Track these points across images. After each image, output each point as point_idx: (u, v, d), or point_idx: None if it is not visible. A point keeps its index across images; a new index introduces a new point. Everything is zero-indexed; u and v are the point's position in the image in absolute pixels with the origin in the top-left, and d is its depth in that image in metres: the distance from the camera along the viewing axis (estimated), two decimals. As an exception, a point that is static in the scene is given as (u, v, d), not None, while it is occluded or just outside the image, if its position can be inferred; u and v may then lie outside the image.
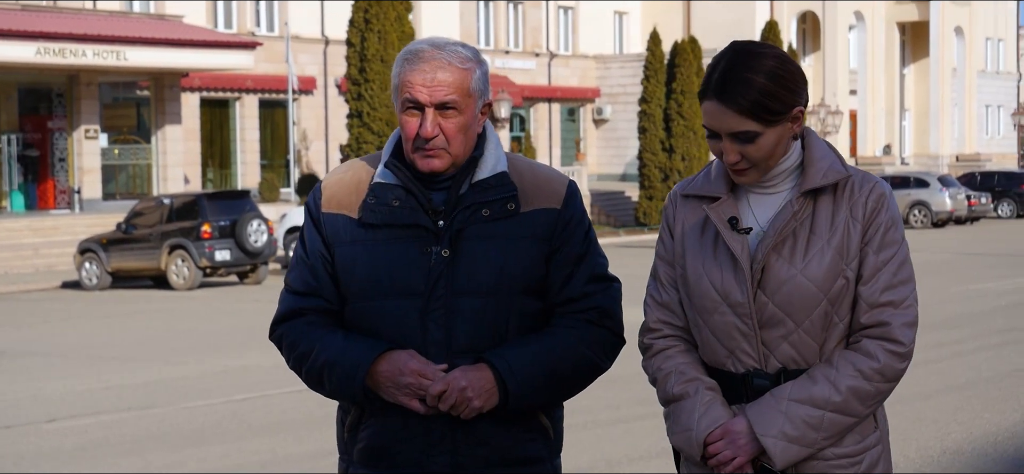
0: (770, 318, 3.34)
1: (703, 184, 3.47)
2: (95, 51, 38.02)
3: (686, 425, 3.40)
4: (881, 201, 3.37)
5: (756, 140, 3.31)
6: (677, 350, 3.51)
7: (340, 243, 3.50)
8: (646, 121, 49.67)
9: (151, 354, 16.84)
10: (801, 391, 3.32)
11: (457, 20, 57.53)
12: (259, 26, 50.58)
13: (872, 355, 3.31)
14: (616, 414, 11.15)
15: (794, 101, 3.32)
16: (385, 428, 3.46)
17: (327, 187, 3.56)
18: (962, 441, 9.89)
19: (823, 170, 3.36)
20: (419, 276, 3.43)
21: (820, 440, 3.32)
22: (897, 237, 3.38)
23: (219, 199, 29.80)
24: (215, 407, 12.34)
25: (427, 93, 3.37)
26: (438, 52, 3.41)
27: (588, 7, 65.16)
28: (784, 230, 3.34)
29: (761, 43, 3.36)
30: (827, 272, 3.31)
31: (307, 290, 3.53)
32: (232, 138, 49.72)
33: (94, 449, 10.56)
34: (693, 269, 3.43)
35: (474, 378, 3.38)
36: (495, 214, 3.47)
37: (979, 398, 11.70)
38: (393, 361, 3.38)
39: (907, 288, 3.36)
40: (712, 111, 3.32)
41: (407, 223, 3.44)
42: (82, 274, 29.73)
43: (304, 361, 3.49)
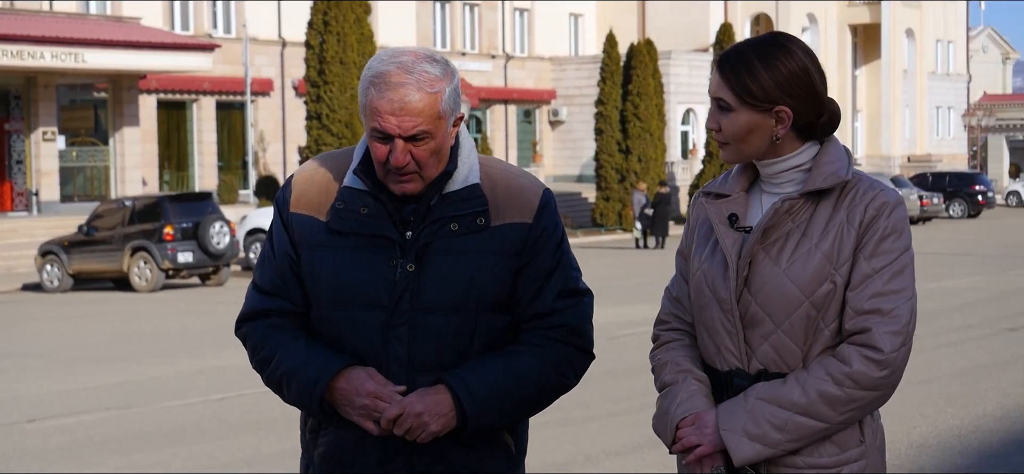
0: (752, 317, 3.34)
1: (721, 183, 3.50)
2: (53, 53, 37.97)
3: (665, 410, 3.43)
4: (882, 209, 3.30)
5: (729, 114, 3.34)
6: (679, 343, 3.54)
7: (307, 245, 3.42)
8: (602, 123, 49.96)
9: (123, 355, 16.97)
10: (770, 391, 3.30)
11: (413, 22, 57.70)
12: (216, 28, 50.56)
13: (846, 360, 3.24)
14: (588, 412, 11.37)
15: (781, 100, 3.30)
16: (343, 439, 3.41)
17: (297, 185, 3.46)
18: (927, 435, 10.19)
19: (825, 174, 3.34)
20: (383, 289, 3.35)
21: (784, 442, 3.27)
22: (897, 247, 3.30)
23: (181, 201, 29.89)
24: (194, 407, 12.51)
25: (395, 124, 3.25)
26: (406, 76, 3.26)
27: (543, 9, 65.44)
28: (773, 229, 3.33)
29: (796, 41, 3.38)
30: (812, 275, 3.28)
31: (273, 290, 3.46)
32: (189, 140, 49.68)
33: (79, 448, 10.71)
34: (695, 264, 3.48)
35: (431, 402, 3.29)
36: (464, 228, 3.38)
37: (941, 394, 12.03)
38: (351, 380, 3.31)
39: (899, 298, 3.27)
40: (713, 75, 3.42)
41: (373, 233, 3.36)
42: (43, 276, 29.75)
43: (265, 366, 3.44)
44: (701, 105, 62.63)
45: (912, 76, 77.62)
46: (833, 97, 3.44)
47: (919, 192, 51.56)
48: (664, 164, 51.12)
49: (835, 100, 3.43)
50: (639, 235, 41.79)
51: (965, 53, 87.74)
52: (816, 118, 3.36)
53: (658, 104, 50.20)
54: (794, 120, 3.33)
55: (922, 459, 9.40)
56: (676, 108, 60.80)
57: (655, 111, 49.92)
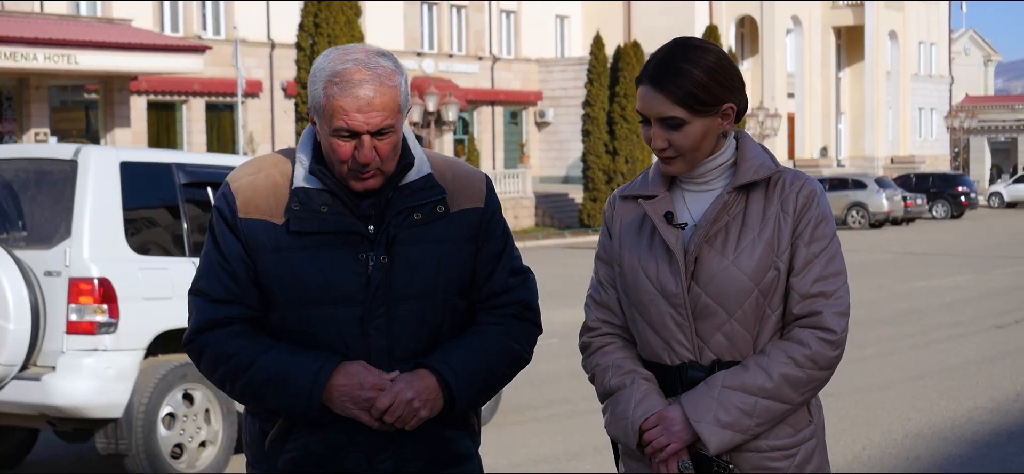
0: (703, 309, 3.42)
1: (641, 185, 3.57)
2: (46, 55, 38.14)
3: (622, 415, 3.46)
4: (811, 197, 3.45)
5: (683, 128, 3.40)
6: (615, 346, 3.59)
7: (263, 250, 3.39)
8: (590, 124, 50.29)
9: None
10: (734, 378, 3.38)
11: (401, 23, 58.01)
12: (206, 29, 50.82)
13: (804, 343, 3.38)
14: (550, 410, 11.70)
15: (724, 97, 3.41)
16: (327, 435, 3.41)
17: (240, 191, 3.42)
18: (922, 426, 10.57)
19: (755, 167, 3.46)
20: (355, 283, 3.37)
21: (753, 426, 3.38)
22: (828, 232, 3.45)
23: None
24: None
25: (362, 120, 3.28)
26: (367, 72, 3.30)
27: (530, 11, 65.79)
28: (716, 222, 3.42)
29: (702, 40, 3.46)
30: (758, 264, 3.39)
31: (229, 297, 3.41)
32: (179, 141, 49.91)
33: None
34: (630, 264, 3.52)
35: (420, 387, 3.35)
36: (426, 217, 3.45)
37: (934, 387, 12.40)
38: (349, 375, 3.33)
39: (838, 280, 3.43)
40: (645, 96, 3.43)
41: (339, 230, 3.38)
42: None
43: (238, 375, 3.38)
44: (687, 107, 62.94)
45: (895, 78, 78.17)
46: (818, 99, 3.66)
47: (903, 193, 51.99)
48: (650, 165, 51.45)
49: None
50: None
51: (947, 55, 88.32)
52: (743, 107, 3.49)
53: (645, 106, 50.61)
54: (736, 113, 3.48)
55: (917, 448, 9.77)
56: (662, 110, 61.11)
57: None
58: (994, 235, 43.15)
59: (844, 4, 74.98)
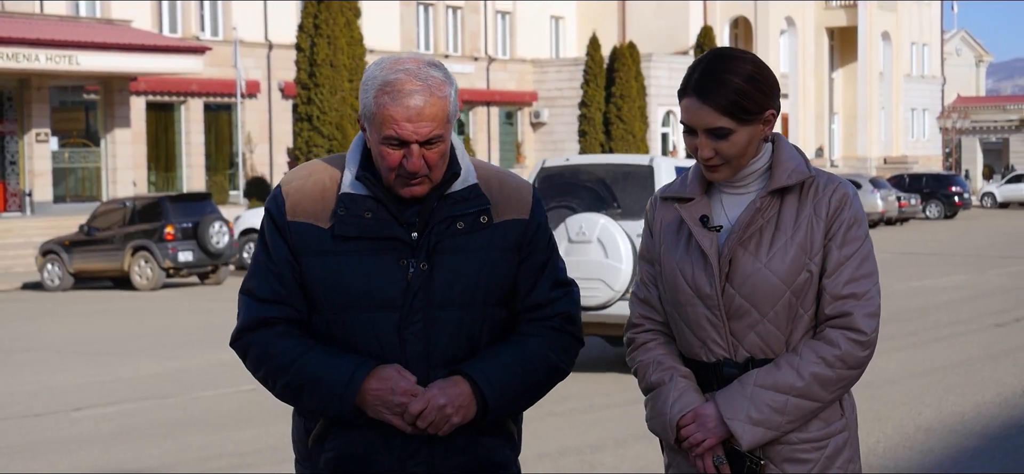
0: (737, 309, 3.52)
1: (680, 187, 3.66)
2: (48, 55, 38.37)
3: (661, 411, 3.59)
4: (844, 200, 3.54)
5: (729, 137, 3.49)
6: (656, 343, 3.70)
7: (309, 253, 3.45)
8: (586, 124, 50.64)
9: (142, 349, 17.51)
10: (766, 377, 3.49)
11: (397, 24, 58.23)
12: (203, 30, 51.00)
13: (834, 343, 3.48)
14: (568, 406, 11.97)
15: (766, 104, 3.51)
16: (363, 437, 3.46)
17: (290, 195, 3.49)
18: (933, 420, 10.85)
19: (788, 171, 3.54)
20: (395, 289, 3.42)
21: (784, 423, 3.49)
22: (860, 234, 3.54)
23: (182, 201, 30.37)
24: (228, 396, 13.07)
25: (412, 130, 3.34)
26: (418, 83, 3.36)
27: (525, 11, 66.03)
28: (750, 226, 3.52)
29: (738, 49, 3.57)
30: (790, 266, 3.49)
31: (275, 298, 3.48)
32: (177, 142, 50.08)
33: (129, 433, 11.27)
34: (669, 265, 3.62)
35: (453, 394, 3.38)
36: (469, 227, 3.48)
37: (941, 383, 12.69)
38: (383, 379, 3.38)
39: (870, 282, 3.53)
40: (690, 108, 3.50)
41: (382, 236, 3.42)
42: (44, 275, 30.21)
43: (279, 375, 3.45)
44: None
45: (888, 78, 78.53)
46: (812, 100, 3.83)
47: (897, 193, 52.30)
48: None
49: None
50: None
51: (940, 56, 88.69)
52: (777, 113, 3.57)
53: (641, 106, 50.92)
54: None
55: (930, 442, 10.04)
56: (656, 110, 61.43)
57: (638, 113, 50.65)
58: (989, 235, 43.46)
59: (837, 5, 75.33)
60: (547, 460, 9.62)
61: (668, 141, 65.09)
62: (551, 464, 9.48)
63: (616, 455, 9.75)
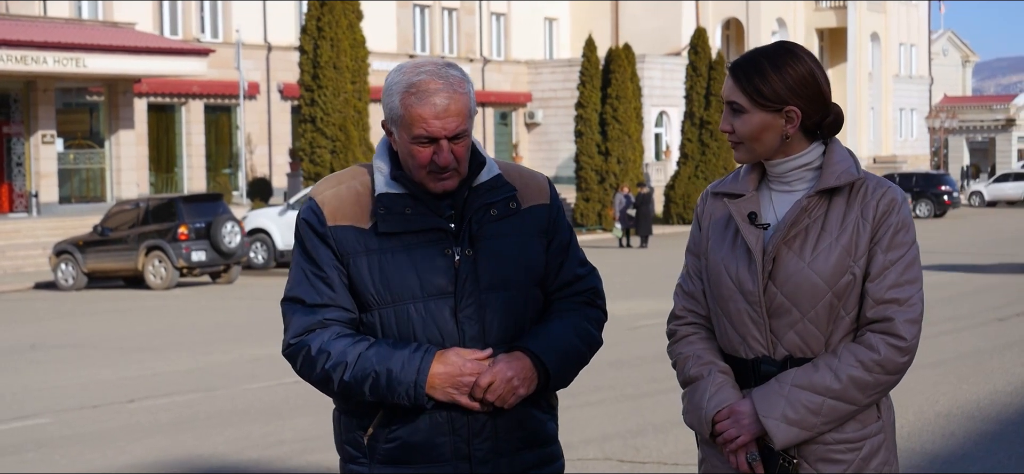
0: (778, 307, 3.55)
1: (731, 183, 3.72)
2: (55, 58, 38.92)
3: (697, 405, 3.65)
4: (892, 205, 3.55)
5: (742, 115, 3.57)
6: (697, 337, 3.75)
7: (355, 254, 3.61)
8: (582, 125, 51.11)
9: (174, 345, 18.10)
10: (803, 377, 3.51)
11: (394, 26, 58.88)
12: (204, 32, 51.61)
13: (874, 347, 3.48)
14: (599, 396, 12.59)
15: (789, 99, 3.53)
16: (429, 421, 3.60)
17: (326, 203, 3.65)
18: (950, 406, 11.49)
19: (838, 173, 3.56)
20: (445, 277, 3.59)
21: (819, 424, 3.51)
22: (907, 240, 3.55)
23: (194, 202, 30.99)
24: (272, 388, 13.65)
25: (440, 126, 3.52)
26: (441, 82, 3.54)
27: (520, 13, 66.71)
28: (795, 225, 3.55)
29: (802, 49, 3.62)
30: (834, 268, 3.51)
31: (327, 302, 3.62)
32: (178, 143, 50.67)
33: (188, 423, 11.87)
34: (714, 260, 3.67)
35: (518, 367, 3.56)
36: (501, 213, 3.67)
37: (953, 373, 13.33)
38: (448, 363, 3.53)
39: (913, 288, 3.52)
40: (725, 81, 3.63)
41: (425, 228, 3.60)
42: (58, 275, 30.73)
43: (342, 371, 3.55)
44: (674, 108, 63.95)
45: (877, 79, 79.34)
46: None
47: (888, 192, 52.91)
48: (641, 165, 52.40)
49: (838, 105, 3.67)
50: (621, 235, 42.94)
51: (927, 56, 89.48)
52: (822, 119, 3.59)
53: (636, 107, 51.43)
54: (802, 120, 3.56)
55: (950, 426, 10.68)
56: (650, 111, 62.11)
57: (633, 114, 51.17)
58: (979, 233, 44.18)
59: (827, 6, 76.10)
60: (594, 445, 10.23)
61: (661, 141, 65.79)
62: (597, 449, 10.08)
63: (657, 439, 10.35)
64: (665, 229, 50.78)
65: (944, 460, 9.54)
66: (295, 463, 9.97)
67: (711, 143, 53.48)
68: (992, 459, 9.55)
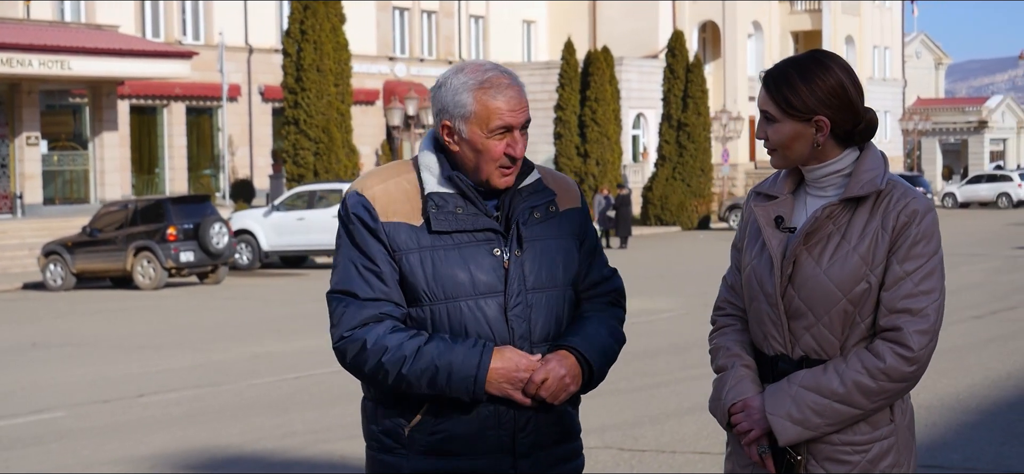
0: (796, 310, 3.65)
1: (770, 185, 3.83)
2: (41, 60, 39.24)
3: (718, 395, 3.80)
4: (913, 217, 3.58)
5: (774, 124, 3.67)
6: (733, 329, 3.88)
7: (408, 250, 3.70)
8: (561, 127, 51.62)
9: (174, 344, 18.52)
10: (811, 379, 3.61)
11: (374, 29, 59.26)
12: (186, 35, 51.90)
13: (880, 355, 3.54)
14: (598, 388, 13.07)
15: (818, 109, 3.61)
16: (477, 415, 3.72)
17: (377, 198, 3.74)
18: (931, 399, 12.00)
19: (863, 182, 3.62)
20: (494, 276, 3.71)
21: (823, 425, 3.60)
22: (926, 251, 3.58)
23: (182, 203, 31.44)
24: (277, 384, 14.10)
25: (513, 117, 3.70)
26: (506, 77, 3.73)
27: (498, 16, 67.19)
28: (814, 232, 3.65)
29: (836, 58, 3.70)
30: (850, 275, 3.58)
31: (379, 296, 3.69)
32: (160, 145, 50.97)
33: (200, 416, 12.31)
34: (746, 259, 3.81)
35: (568, 365, 3.69)
36: (543, 216, 3.80)
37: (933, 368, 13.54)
38: (506, 359, 3.66)
39: (928, 299, 3.55)
40: (759, 90, 3.74)
41: (476, 228, 3.72)
42: (46, 275, 31.08)
43: (400, 364, 3.63)
44: (651, 110, 64.47)
45: (852, 81, 79.90)
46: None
47: (864, 194, 53.45)
48: (620, 167, 52.92)
49: (873, 110, 3.74)
50: (599, 235, 43.30)
51: (901, 59, 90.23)
52: (853, 126, 3.66)
53: (615, 109, 51.97)
54: (832, 128, 3.63)
55: (932, 417, 11.20)
56: (627, 113, 62.61)
57: (612, 116, 51.72)
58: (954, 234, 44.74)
59: (802, 9, 76.76)
60: (594, 435, 10.68)
61: (639, 143, 66.34)
62: (597, 438, 10.54)
63: (654, 429, 10.85)
64: (643, 230, 51.32)
65: (927, 449, 10.03)
66: (309, 453, 10.41)
67: (688, 145, 54.07)
68: (972, 447, 10.07)
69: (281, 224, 34.74)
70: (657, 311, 20.84)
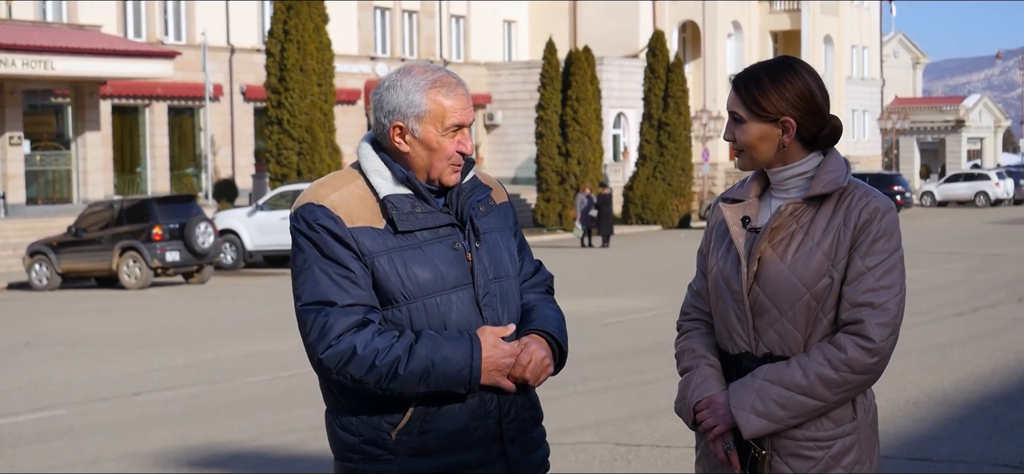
0: (760, 306, 3.73)
1: (736, 189, 3.92)
2: (24, 60, 39.27)
3: (684, 395, 3.88)
4: (874, 214, 3.68)
5: (742, 125, 3.76)
6: (698, 332, 3.97)
7: (376, 254, 3.74)
8: (543, 127, 51.78)
9: (167, 342, 18.66)
10: (775, 373, 3.69)
11: (355, 28, 59.40)
12: (167, 35, 51.97)
13: (842, 347, 3.62)
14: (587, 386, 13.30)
15: (785, 111, 3.71)
16: (465, 407, 3.78)
17: (338, 205, 3.77)
18: (918, 395, 12.24)
19: (825, 181, 3.73)
20: (461, 269, 3.80)
21: (787, 418, 3.67)
22: (887, 247, 3.68)
23: (168, 203, 31.56)
24: (273, 382, 14.26)
25: (465, 115, 3.79)
26: (454, 77, 3.83)
27: (479, 16, 67.37)
28: (778, 228, 3.75)
29: (804, 64, 3.80)
30: (813, 271, 3.67)
31: (359, 301, 3.72)
32: (141, 145, 51.03)
33: (201, 413, 12.48)
34: (712, 261, 3.90)
35: (546, 348, 3.84)
36: (487, 210, 3.91)
37: (919, 365, 14.10)
38: (492, 346, 3.75)
39: (889, 293, 3.65)
40: (729, 92, 3.84)
41: (436, 225, 3.80)
42: (32, 275, 31.15)
43: (395, 365, 3.65)
44: (632, 109, 64.80)
45: (830, 81, 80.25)
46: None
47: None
48: (601, 166, 53.14)
49: (837, 116, 3.83)
50: (582, 234, 43.63)
51: (879, 59, 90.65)
52: (818, 131, 3.75)
53: (596, 109, 52.16)
54: (798, 131, 3.73)
55: (919, 412, 11.43)
56: (608, 112, 62.86)
57: (593, 115, 51.91)
58: (933, 233, 45.16)
59: (781, 9, 77.07)
60: (589, 430, 10.91)
61: (619, 142, 66.60)
62: (593, 433, 10.75)
63: (648, 425, 11.05)
64: (624, 229, 51.58)
65: (916, 442, 10.26)
66: (310, 449, 10.58)
67: (669, 144, 54.33)
68: (960, 441, 10.29)
69: (265, 224, 34.87)
70: (642, 310, 21.05)
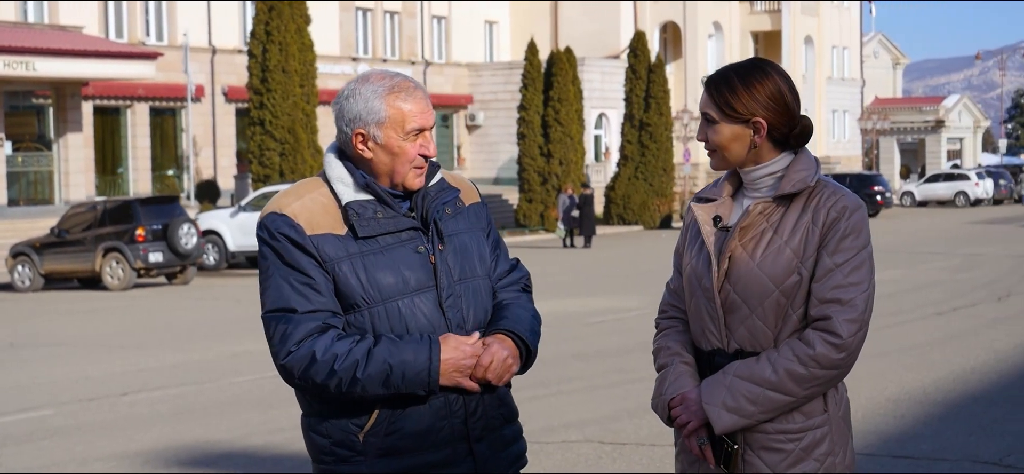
0: (731, 304, 3.80)
1: (710, 190, 3.99)
2: (5, 62, 39.26)
3: (659, 392, 3.95)
4: (842, 212, 3.74)
5: (714, 126, 3.82)
6: (674, 329, 4.05)
7: (338, 260, 3.78)
8: (525, 127, 51.87)
9: (153, 343, 18.72)
10: (745, 369, 3.75)
11: (337, 30, 59.44)
12: (149, 35, 51.95)
13: (810, 343, 3.69)
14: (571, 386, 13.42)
15: (756, 112, 3.77)
16: (430, 408, 3.82)
17: (299, 214, 3.81)
18: (898, 392, 12.39)
19: (794, 181, 3.79)
20: (424, 272, 3.84)
21: (757, 413, 3.74)
22: (855, 245, 3.74)
23: (151, 204, 31.61)
24: (259, 382, 14.29)
25: (425, 118, 3.83)
26: (412, 82, 3.87)
27: (460, 16, 67.46)
28: (748, 226, 3.81)
29: (775, 66, 3.86)
30: (782, 268, 3.73)
31: (319, 307, 3.76)
32: (123, 146, 51.01)
33: (188, 412, 12.55)
34: (686, 259, 3.98)
35: (508, 346, 3.86)
36: (454, 212, 3.94)
37: (899, 364, 14.25)
38: (452, 347, 3.77)
39: (857, 290, 3.70)
40: (702, 93, 3.89)
41: (398, 229, 3.84)
42: (14, 276, 31.19)
43: (355, 369, 3.69)
44: (613, 110, 64.95)
45: (811, 81, 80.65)
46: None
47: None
48: (583, 167, 53.27)
49: (808, 117, 3.88)
50: (564, 235, 43.76)
51: (859, 59, 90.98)
52: (789, 131, 3.82)
53: (578, 109, 52.29)
54: (769, 131, 3.79)
55: (900, 410, 11.57)
56: (589, 113, 62.98)
57: (575, 116, 52.03)
58: (914, 233, 45.39)
59: (762, 9, 77.34)
60: (574, 429, 11.03)
61: (601, 143, 66.75)
62: (578, 432, 10.87)
63: (632, 423, 11.16)
64: (606, 229, 51.72)
65: (896, 440, 10.40)
66: (298, 448, 10.63)
67: (650, 145, 54.48)
68: (941, 438, 10.43)
69: (248, 225, 34.90)
70: (625, 309, 21.17)
